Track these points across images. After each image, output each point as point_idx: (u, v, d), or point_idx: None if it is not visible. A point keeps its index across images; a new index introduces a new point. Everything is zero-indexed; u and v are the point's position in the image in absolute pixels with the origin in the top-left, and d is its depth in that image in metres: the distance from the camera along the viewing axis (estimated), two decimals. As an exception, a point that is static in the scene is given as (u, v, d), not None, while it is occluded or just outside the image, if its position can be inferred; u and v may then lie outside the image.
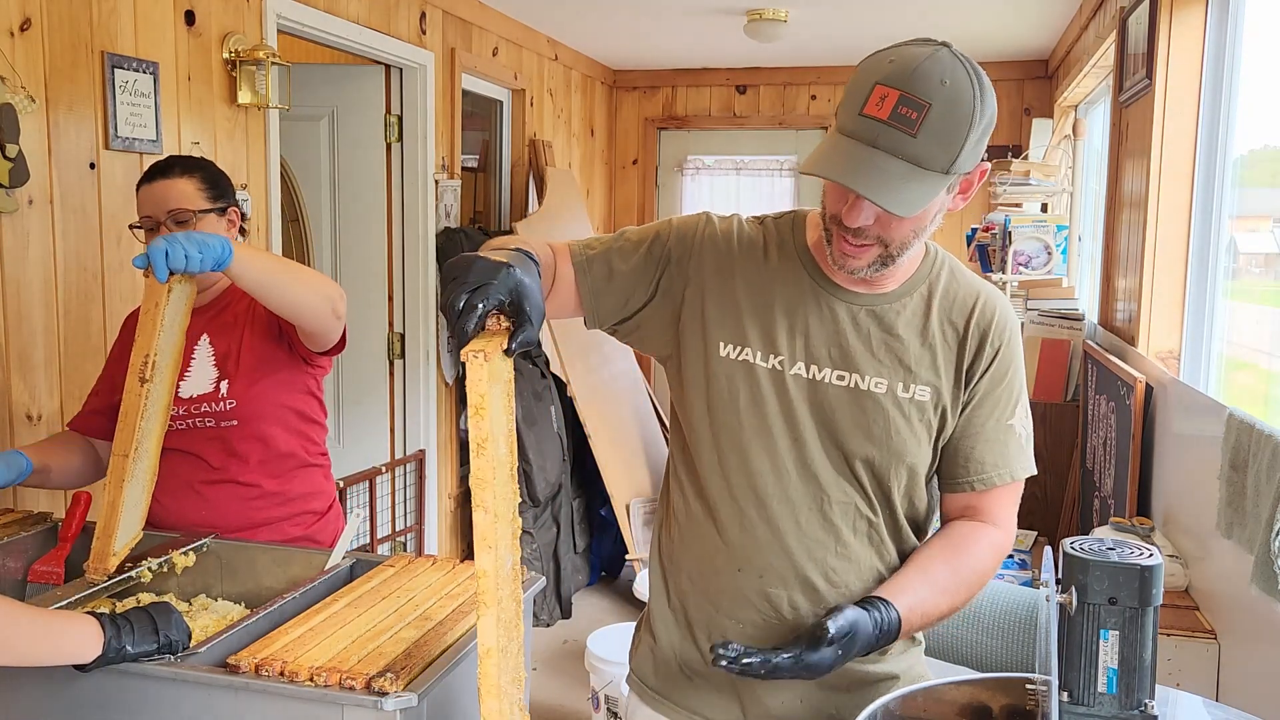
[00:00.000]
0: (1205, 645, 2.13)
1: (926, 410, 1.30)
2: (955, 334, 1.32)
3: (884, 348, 1.30)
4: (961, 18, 4.61)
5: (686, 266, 1.37)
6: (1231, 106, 2.71)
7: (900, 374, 1.30)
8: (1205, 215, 2.80)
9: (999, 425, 1.32)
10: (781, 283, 1.34)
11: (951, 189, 1.22)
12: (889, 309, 1.32)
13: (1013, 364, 1.33)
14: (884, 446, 1.29)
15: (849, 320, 1.31)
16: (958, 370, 1.31)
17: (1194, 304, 2.85)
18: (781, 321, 1.31)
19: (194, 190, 1.86)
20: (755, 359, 1.31)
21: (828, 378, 1.29)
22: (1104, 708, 1.03)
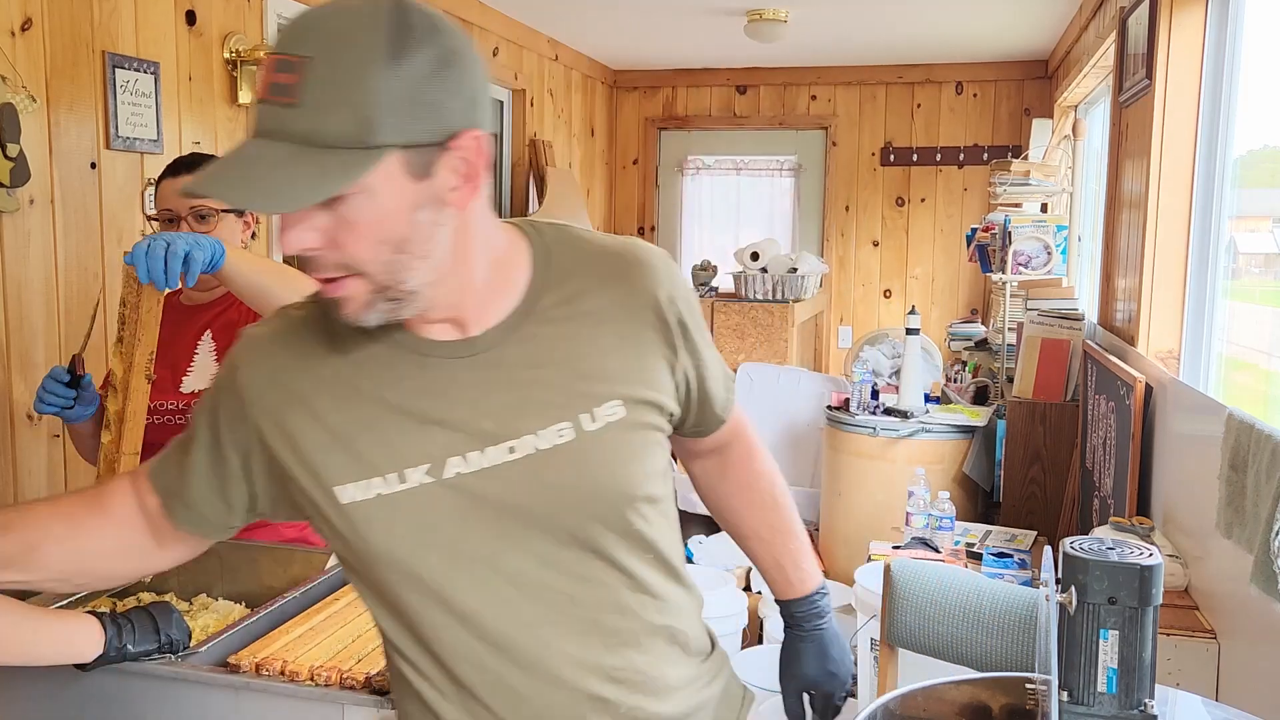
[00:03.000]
0: (1205, 645, 2.13)
1: (631, 424, 1.04)
2: (634, 311, 1.06)
3: (541, 384, 1.01)
4: (961, 18, 4.61)
5: (250, 417, 1.03)
6: (1231, 106, 2.71)
7: (578, 402, 1.02)
8: (1205, 215, 2.80)
9: (710, 355, 1.16)
10: (383, 378, 1.00)
11: (423, 171, 0.91)
12: (516, 337, 1.02)
13: (687, 297, 1.12)
14: (603, 499, 1.03)
15: (481, 378, 1.00)
16: (659, 346, 1.08)
17: (1194, 304, 2.85)
18: (400, 421, 0.99)
19: None
20: (391, 486, 0.99)
21: (497, 458, 0.99)
22: (1104, 707, 1.03)
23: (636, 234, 6.33)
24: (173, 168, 1.92)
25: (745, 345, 4.63)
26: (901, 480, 3.53)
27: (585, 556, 1.04)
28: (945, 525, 3.19)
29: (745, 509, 1.31)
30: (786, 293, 4.66)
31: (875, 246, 6.02)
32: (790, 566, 1.32)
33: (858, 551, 3.49)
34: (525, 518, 1.01)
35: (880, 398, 3.91)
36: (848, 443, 3.80)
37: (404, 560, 1.00)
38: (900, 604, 1.86)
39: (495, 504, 1.00)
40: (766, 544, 1.32)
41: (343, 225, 0.90)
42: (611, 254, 1.09)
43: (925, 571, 1.88)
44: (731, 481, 1.30)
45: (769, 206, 6.23)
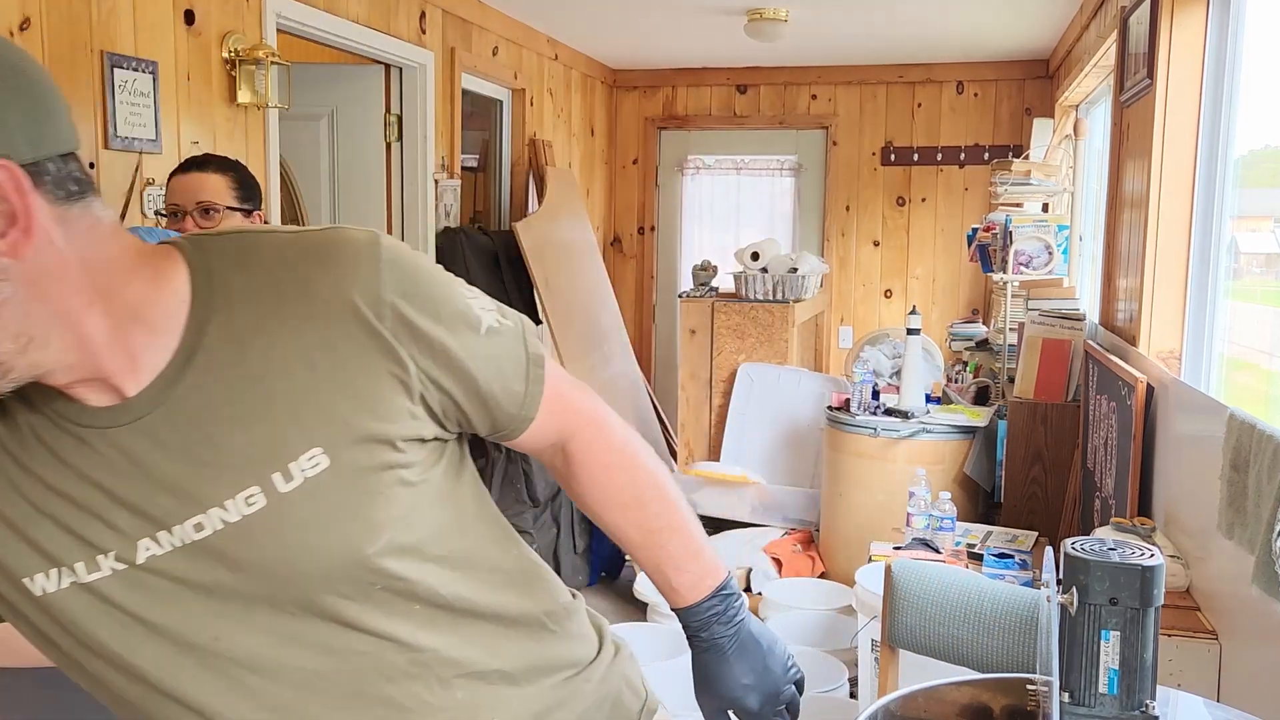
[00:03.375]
0: (1206, 646, 2.12)
1: (346, 471, 0.86)
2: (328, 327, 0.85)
3: (216, 447, 0.85)
4: (962, 17, 4.61)
5: None
6: (1232, 106, 2.70)
7: (267, 459, 0.85)
8: (1206, 215, 2.80)
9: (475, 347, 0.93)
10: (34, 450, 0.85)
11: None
12: (178, 392, 0.84)
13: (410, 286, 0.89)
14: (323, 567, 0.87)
15: (148, 447, 0.85)
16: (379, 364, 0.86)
17: (1195, 304, 2.85)
18: (75, 505, 0.85)
19: (225, 187, 1.91)
20: (83, 575, 0.85)
21: (184, 537, 0.85)
22: (1105, 708, 1.03)
23: (637, 234, 6.32)
24: (184, 164, 1.95)
25: (745, 345, 4.63)
26: (902, 481, 3.52)
27: (329, 626, 0.88)
28: (946, 526, 3.19)
29: (604, 510, 1.09)
30: (787, 293, 4.65)
31: (876, 246, 6.02)
32: (671, 570, 1.10)
33: (858, 552, 3.49)
34: (241, 596, 0.86)
35: (881, 398, 3.90)
36: (848, 443, 3.79)
37: (118, 654, 0.86)
38: (901, 605, 1.86)
39: (202, 586, 0.86)
40: (639, 547, 1.10)
41: None
42: (292, 259, 0.87)
43: (926, 572, 1.88)
44: (583, 481, 1.08)
45: (769, 206, 6.22)
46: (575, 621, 1.08)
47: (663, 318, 6.37)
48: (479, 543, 0.99)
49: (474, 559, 0.98)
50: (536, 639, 1.02)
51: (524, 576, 1.04)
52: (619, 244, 6.36)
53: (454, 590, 0.94)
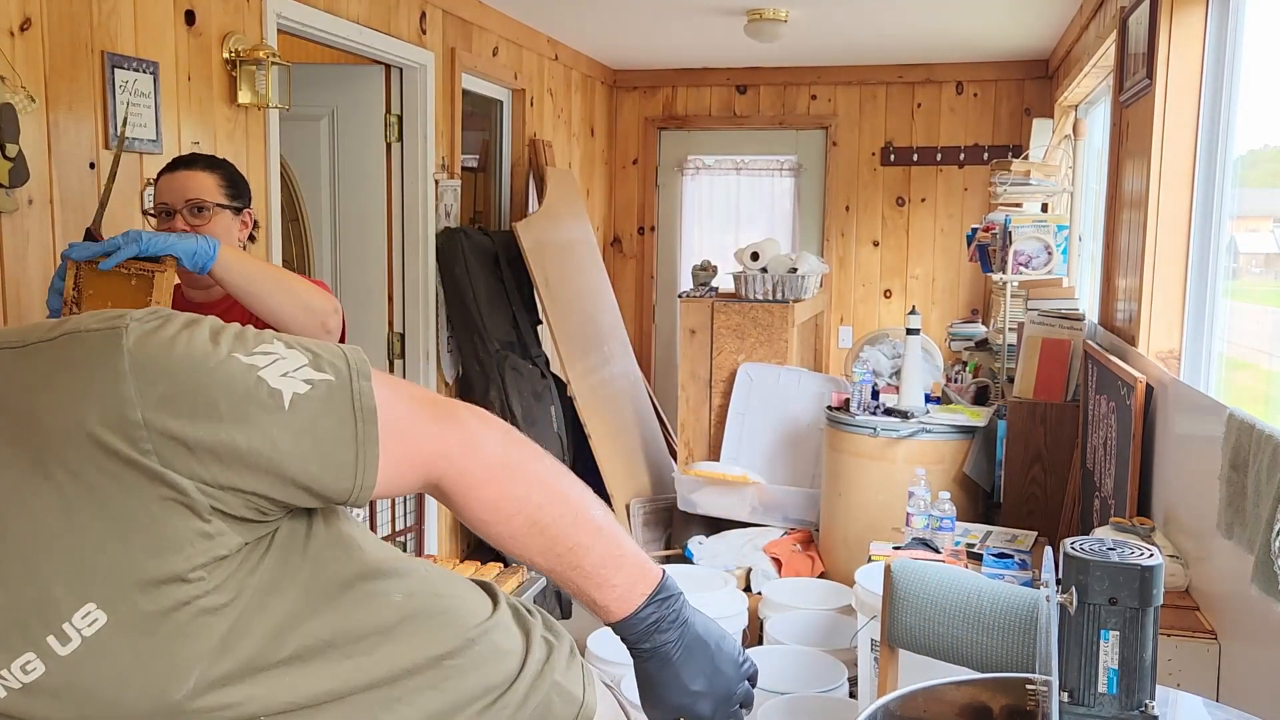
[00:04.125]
0: (1205, 645, 2.12)
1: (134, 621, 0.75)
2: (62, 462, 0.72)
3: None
4: (961, 17, 4.61)
5: None
6: (1232, 106, 2.70)
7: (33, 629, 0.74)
8: (1205, 215, 2.80)
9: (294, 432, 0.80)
10: None
11: None
12: None
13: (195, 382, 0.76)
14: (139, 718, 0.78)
15: None
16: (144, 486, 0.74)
17: (1194, 304, 2.85)
18: None
19: (214, 185, 1.91)
20: None
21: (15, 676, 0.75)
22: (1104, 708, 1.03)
23: (636, 234, 6.32)
24: (171, 164, 1.94)
25: (745, 345, 4.63)
26: (902, 481, 3.52)
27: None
28: (946, 526, 3.19)
29: (503, 543, 0.97)
30: (786, 293, 4.65)
31: (875, 246, 6.02)
32: (594, 590, 1.00)
33: (858, 552, 3.49)
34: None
35: (880, 398, 3.90)
36: (848, 443, 3.80)
37: None
38: (901, 605, 1.86)
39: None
40: (553, 573, 0.99)
41: None
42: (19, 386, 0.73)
43: (926, 572, 1.88)
44: (468, 518, 0.96)
45: (769, 206, 6.22)
46: (487, 642, 0.98)
47: (663, 318, 6.37)
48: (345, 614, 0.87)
49: (338, 637, 0.86)
50: (438, 685, 0.92)
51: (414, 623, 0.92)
52: (619, 244, 6.36)
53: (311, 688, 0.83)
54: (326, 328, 1.79)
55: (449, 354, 4.27)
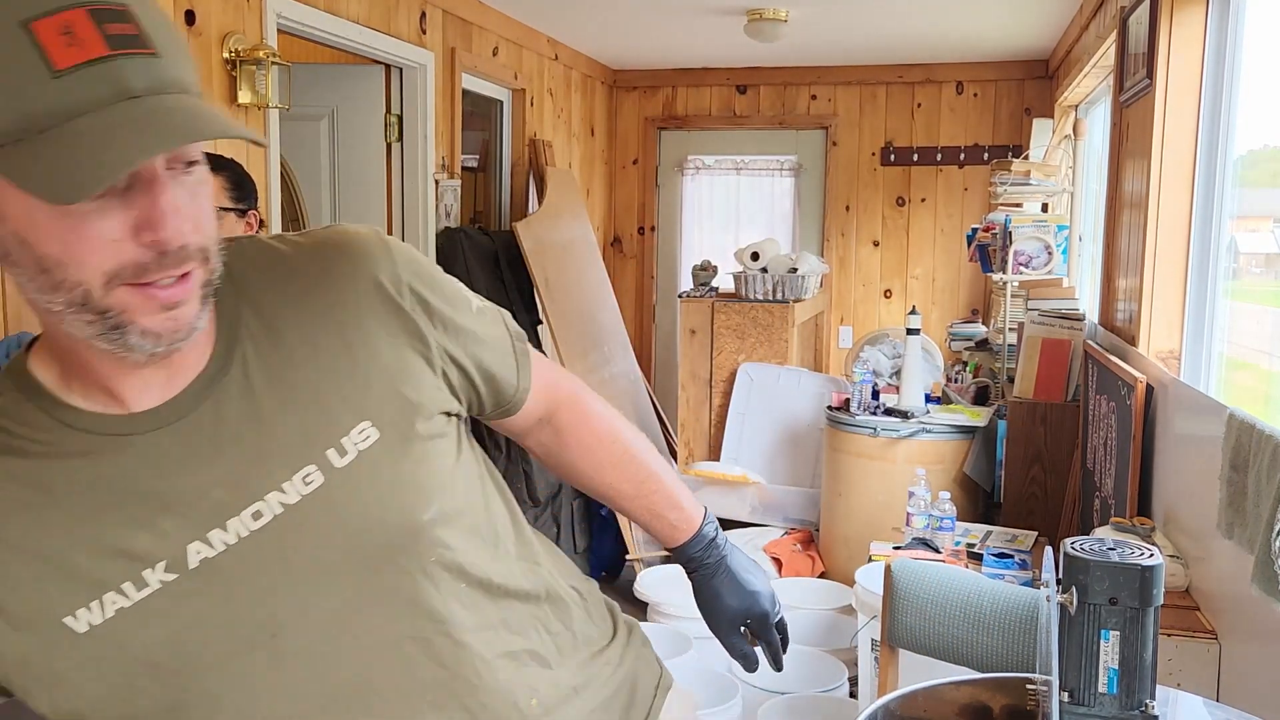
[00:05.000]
0: (1206, 645, 2.12)
1: (391, 442, 0.88)
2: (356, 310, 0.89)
3: (266, 433, 0.85)
4: (961, 17, 4.61)
5: None
6: (1232, 106, 2.70)
7: (318, 440, 0.86)
8: (1206, 215, 2.80)
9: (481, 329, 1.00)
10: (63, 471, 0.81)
11: None
12: (222, 385, 0.85)
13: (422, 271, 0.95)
14: (383, 538, 0.88)
15: (196, 443, 0.83)
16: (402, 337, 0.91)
17: (1194, 304, 2.85)
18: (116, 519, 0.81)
19: (219, 188, 1.89)
20: (130, 596, 0.80)
21: (241, 530, 0.83)
22: (1105, 708, 1.03)
23: (636, 234, 6.32)
24: None
25: (745, 345, 4.63)
26: (902, 481, 3.52)
27: (384, 612, 0.88)
28: (946, 526, 3.19)
29: (598, 472, 1.16)
30: (786, 293, 4.65)
31: (876, 246, 6.02)
32: (667, 510, 1.19)
33: (858, 552, 3.49)
34: (299, 587, 0.84)
35: (881, 398, 3.90)
36: (848, 443, 3.80)
37: (172, 672, 0.81)
38: (901, 605, 1.86)
39: (260, 581, 0.83)
40: (634, 499, 1.18)
41: (195, 197, 0.77)
42: (309, 250, 0.91)
43: (926, 572, 1.88)
44: (572, 448, 1.15)
45: (769, 206, 6.22)
46: (592, 601, 1.12)
47: (663, 318, 6.37)
48: (501, 519, 1.01)
49: (500, 534, 1.00)
50: (560, 619, 1.04)
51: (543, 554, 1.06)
52: (619, 244, 6.36)
53: (491, 567, 0.96)
54: None
55: (449, 354, 4.28)
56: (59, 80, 0.68)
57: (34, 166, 0.68)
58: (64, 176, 0.67)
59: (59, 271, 0.73)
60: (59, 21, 0.68)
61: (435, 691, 0.90)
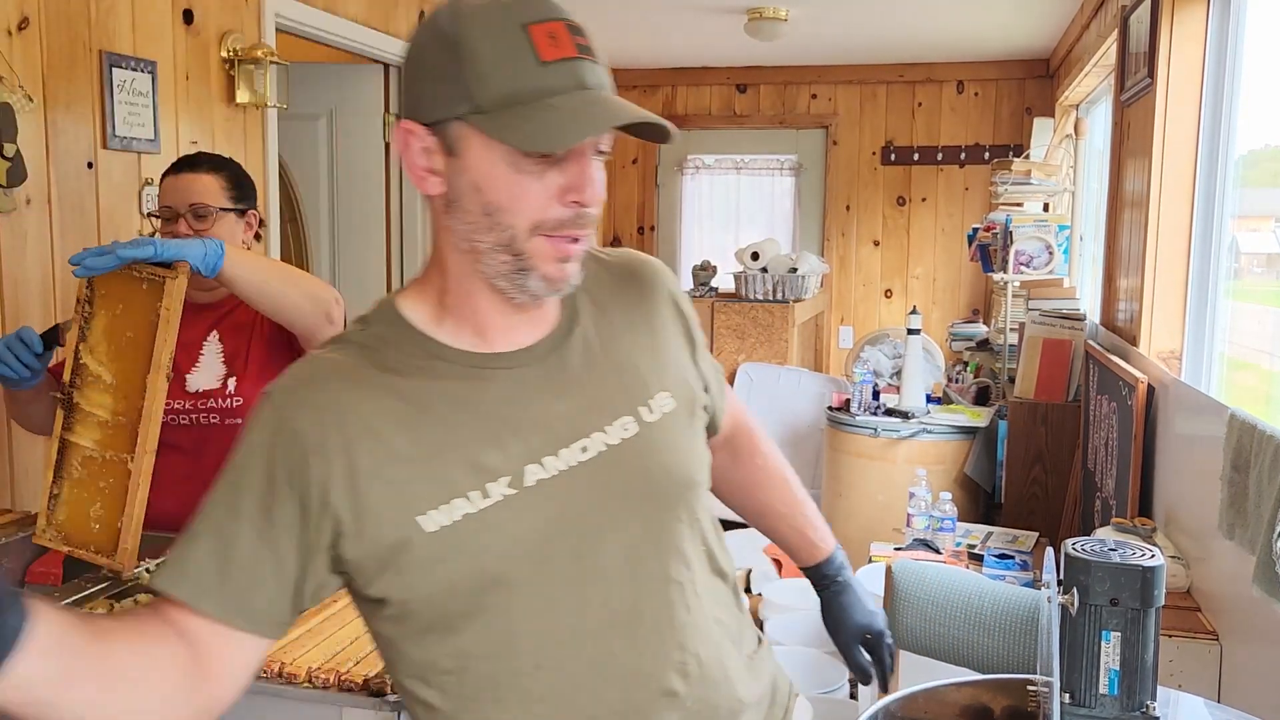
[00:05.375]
0: (1207, 646, 2.12)
1: (681, 413, 1.08)
2: (655, 308, 1.12)
3: (598, 384, 1.04)
4: (962, 17, 4.61)
5: (308, 471, 0.94)
6: (1233, 106, 2.70)
7: (634, 398, 1.05)
8: (1207, 215, 2.79)
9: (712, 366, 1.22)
10: (434, 393, 0.98)
11: None
12: (572, 340, 1.05)
13: (684, 294, 1.19)
14: (671, 487, 1.06)
15: (545, 384, 1.02)
16: (681, 339, 1.15)
17: (1195, 304, 2.84)
18: (473, 437, 0.97)
19: (218, 188, 1.89)
20: (475, 504, 0.96)
21: (570, 460, 0.99)
22: (1106, 709, 1.02)
23: (636, 234, 6.34)
24: (175, 165, 1.93)
25: (745, 345, 4.62)
26: (903, 481, 3.52)
27: (659, 550, 1.04)
28: (947, 526, 3.18)
29: (760, 490, 1.37)
30: (787, 293, 4.65)
31: (876, 246, 6.02)
32: (809, 530, 1.39)
33: (859, 553, 3.48)
34: (605, 517, 1.01)
35: (881, 398, 3.90)
36: (849, 443, 3.79)
37: (491, 579, 0.96)
38: (902, 605, 1.85)
39: (577, 506, 0.99)
40: (786, 518, 1.38)
41: (601, 180, 0.99)
42: (619, 263, 1.15)
43: (927, 573, 1.88)
44: (743, 469, 1.35)
45: (769, 206, 6.22)
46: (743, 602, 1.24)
47: (663, 318, 6.36)
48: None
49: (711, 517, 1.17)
50: (739, 607, 1.17)
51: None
52: (619, 244, 6.36)
53: (712, 539, 1.13)
54: (330, 317, 1.78)
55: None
56: (544, 68, 0.91)
57: (520, 126, 0.91)
58: (541, 135, 0.91)
59: (498, 215, 0.95)
60: (547, 28, 0.93)
61: (682, 634, 1.04)
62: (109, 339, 1.60)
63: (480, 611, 0.97)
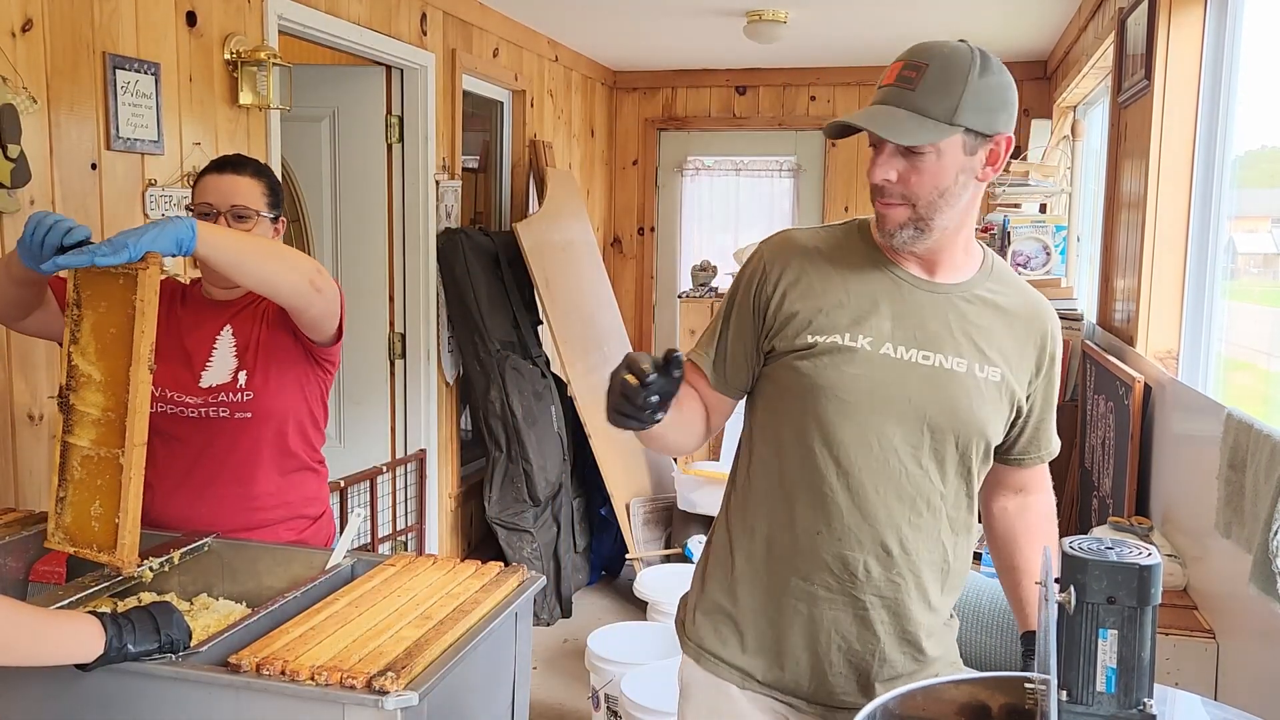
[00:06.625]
0: (1203, 644, 2.13)
1: (1001, 390, 1.44)
2: (1026, 331, 1.48)
3: (960, 331, 1.43)
4: (961, 18, 4.62)
5: (765, 289, 1.49)
6: (1230, 107, 2.71)
7: (977, 355, 1.43)
8: (1204, 215, 2.80)
9: (1050, 410, 1.53)
10: (858, 277, 1.47)
11: (971, 151, 1.37)
12: (961, 296, 1.46)
13: (1061, 351, 1.53)
14: (967, 422, 1.42)
15: (928, 306, 1.44)
16: (1030, 363, 1.48)
17: (1192, 304, 2.85)
18: (867, 310, 1.44)
19: (259, 192, 1.91)
20: (843, 341, 1.42)
21: (914, 357, 1.42)
22: (1103, 707, 1.03)
23: (636, 235, 6.35)
24: (218, 164, 1.93)
25: (745, 345, 4.63)
26: (901, 480, 3.52)
27: (929, 452, 1.42)
28: (945, 525, 3.18)
29: (1027, 546, 1.55)
30: (786, 293, 4.65)
31: (875, 247, 6.02)
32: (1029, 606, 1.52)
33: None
34: (907, 401, 1.41)
35: (880, 398, 3.90)
36: (847, 443, 3.79)
37: (833, 390, 1.41)
38: (900, 604, 1.86)
39: (898, 381, 1.41)
40: (1028, 583, 1.52)
41: (914, 170, 1.36)
42: (1028, 290, 1.53)
43: (925, 571, 1.88)
44: (1027, 523, 1.57)
45: (768, 207, 6.22)
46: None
47: (663, 318, 6.37)
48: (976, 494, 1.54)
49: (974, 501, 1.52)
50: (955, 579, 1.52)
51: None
52: (619, 244, 6.36)
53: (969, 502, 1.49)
54: (316, 286, 1.77)
55: (450, 354, 4.28)
56: (877, 89, 1.39)
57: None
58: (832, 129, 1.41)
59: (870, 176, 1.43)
60: (895, 66, 1.38)
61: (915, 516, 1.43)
62: (96, 338, 1.60)
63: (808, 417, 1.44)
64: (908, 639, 1.46)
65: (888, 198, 1.39)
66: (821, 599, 1.44)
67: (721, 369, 1.53)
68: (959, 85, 1.33)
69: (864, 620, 1.44)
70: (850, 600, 1.44)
